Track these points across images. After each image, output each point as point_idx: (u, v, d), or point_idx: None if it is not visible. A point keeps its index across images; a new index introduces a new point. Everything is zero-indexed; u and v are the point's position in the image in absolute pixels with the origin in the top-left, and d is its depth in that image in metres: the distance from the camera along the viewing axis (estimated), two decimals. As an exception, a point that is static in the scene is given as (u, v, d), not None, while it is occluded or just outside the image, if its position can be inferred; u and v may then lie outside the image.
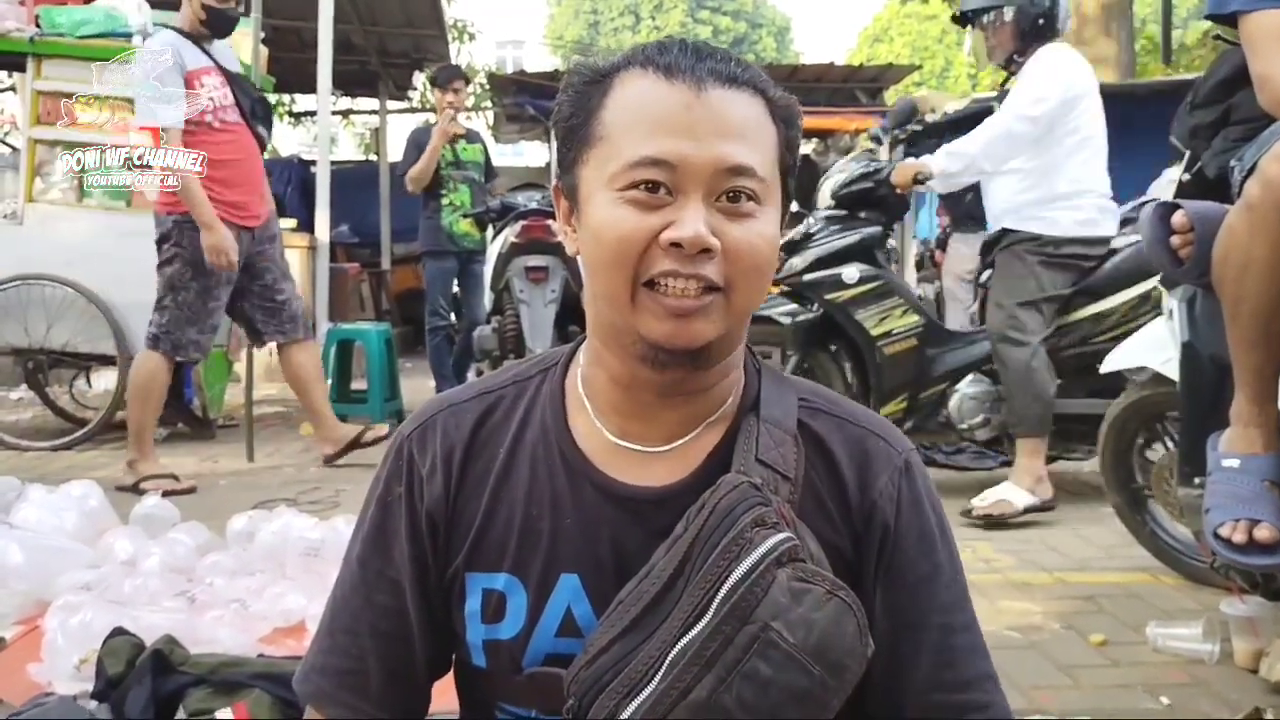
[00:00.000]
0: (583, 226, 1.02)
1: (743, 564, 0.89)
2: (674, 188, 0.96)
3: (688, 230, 0.94)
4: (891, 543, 1.03)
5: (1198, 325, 2.50)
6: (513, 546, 1.04)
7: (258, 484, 4.60)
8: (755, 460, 1.00)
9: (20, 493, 3.30)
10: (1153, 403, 3.17)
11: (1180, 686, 2.47)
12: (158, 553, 2.92)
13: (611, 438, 1.06)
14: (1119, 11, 13.14)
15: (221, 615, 2.55)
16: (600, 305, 1.02)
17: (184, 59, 4.32)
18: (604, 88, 1.01)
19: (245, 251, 4.49)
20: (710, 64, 0.99)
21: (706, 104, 0.97)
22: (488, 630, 1.05)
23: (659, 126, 0.97)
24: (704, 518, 0.94)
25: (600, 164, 0.99)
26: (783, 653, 0.87)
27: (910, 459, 1.07)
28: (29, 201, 5.42)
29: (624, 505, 1.03)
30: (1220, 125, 2.49)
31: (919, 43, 36.66)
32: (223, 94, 4.44)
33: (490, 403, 1.10)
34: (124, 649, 2.13)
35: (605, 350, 1.04)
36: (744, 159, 0.97)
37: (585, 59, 1.06)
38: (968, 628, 1.05)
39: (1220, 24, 2.36)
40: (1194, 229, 2.26)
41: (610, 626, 0.94)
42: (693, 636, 0.89)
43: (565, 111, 1.04)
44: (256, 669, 2.13)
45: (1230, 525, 2.11)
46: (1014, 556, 3.56)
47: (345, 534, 3.01)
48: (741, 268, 0.98)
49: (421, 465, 1.08)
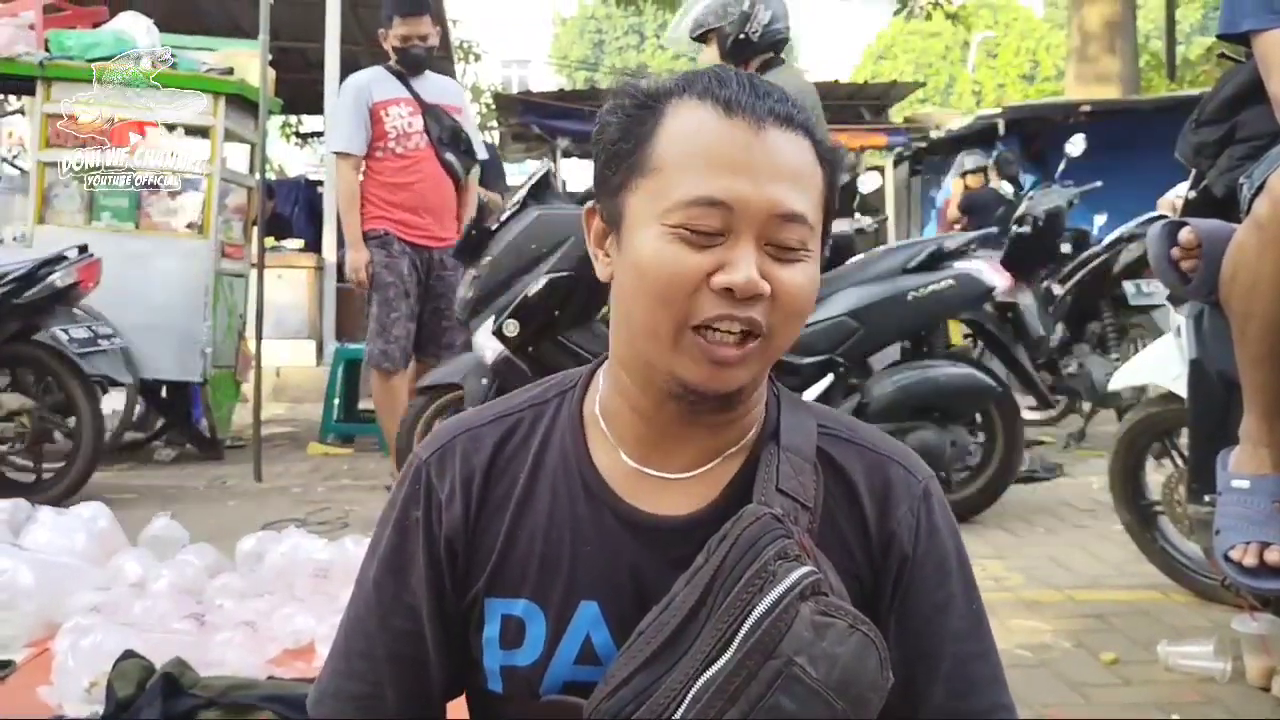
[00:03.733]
0: (623, 255, 1.00)
1: (767, 598, 0.89)
2: (727, 228, 0.95)
3: (740, 275, 0.93)
4: (909, 572, 1.03)
5: (1206, 342, 2.50)
6: (533, 572, 1.03)
7: (266, 504, 4.61)
8: (776, 490, 0.99)
9: (30, 514, 3.30)
10: (1162, 419, 3.17)
11: (1192, 705, 2.46)
12: (167, 574, 2.92)
13: (631, 464, 1.05)
14: (1122, 28, 13.17)
15: (231, 637, 2.54)
16: (636, 338, 1.00)
17: (372, 92, 4.83)
18: (656, 114, 0.99)
19: (423, 270, 4.85)
20: (769, 103, 0.97)
21: (764, 145, 0.95)
22: (505, 656, 1.04)
23: (717, 165, 0.95)
24: (726, 549, 0.93)
25: (651, 196, 0.97)
26: (806, 688, 0.87)
27: (930, 487, 1.07)
28: (38, 224, 5.44)
29: (644, 533, 1.02)
30: (1226, 143, 2.49)
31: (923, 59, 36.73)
32: (408, 123, 4.82)
33: (509, 426, 1.09)
34: (134, 671, 2.13)
35: (630, 379, 1.03)
36: (798, 205, 0.96)
37: (634, 80, 1.04)
38: (984, 657, 1.05)
39: (1231, 42, 2.36)
40: (1201, 247, 2.26)
41: (631, 658, 0.93)
42: (716, 670, 0.88)
43: (613, 134, 1.01)
44: (266, 691, 2.13)
45: (1241, 548, 2.10)
46: (1024, 574, 3.55)
47: (354, 554, 3.02)
48: (787, 313, 0.97)
49: (440, 490, 1.06)
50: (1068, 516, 4.43)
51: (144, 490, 4.92)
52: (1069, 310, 6.16)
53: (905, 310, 3.98)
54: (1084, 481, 5.08)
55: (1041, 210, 6.45)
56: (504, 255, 4.04)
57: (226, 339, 5.79)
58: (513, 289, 3.98)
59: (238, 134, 5.87)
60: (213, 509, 4.50)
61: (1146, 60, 16.72)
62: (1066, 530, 4.19)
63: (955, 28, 19.23)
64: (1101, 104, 11.58)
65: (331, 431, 6.30)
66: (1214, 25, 2.39)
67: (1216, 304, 2.26)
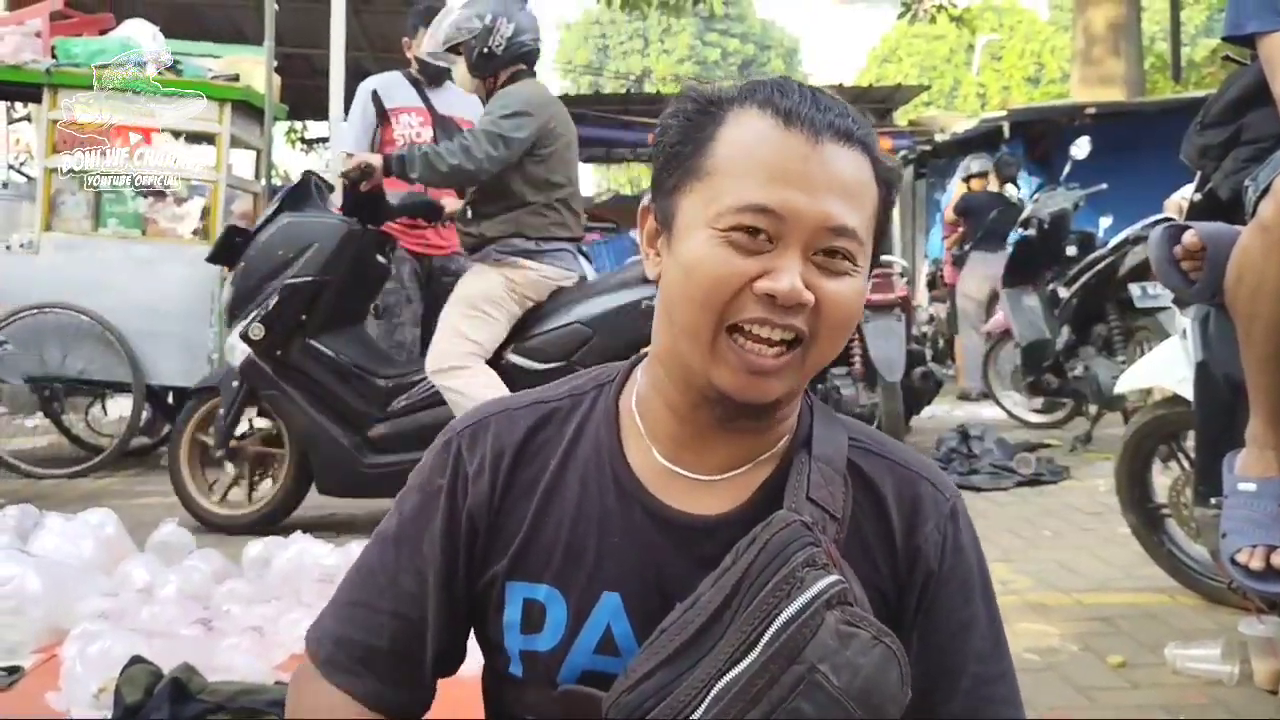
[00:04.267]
0: (672, 255, 1.01)
1: (793, 603, 0.89)
2: (775, 236, 0.96)
3: (784, 283, 0.94)
4: (933, 589, 1.04)
5: (1211, 345, 2.50)
6: (557, 559, 1.04)
7: (272, 510, 4.59)
8: (806, 498, 1.00)
9: (38, 521, 3.31)
10: (1168, 422, 3.17)
11: (1200, 708, 2.46)
12: (174, 580, 2.93)
13: (663, 461, 1.06)
14: (1127, 30, 13.15)
15: (238, 642, 2.55)
16: (676, 338, 1.01)
17: (384, 97, 4.85)
18: (716, 120, 1.00)
19: (423, 278, 4.91)
20: (830, 116, 0.98)
21: (821, 158, 0.96)
22: (525, 640, 1.05)
23: (772, 174, 0.96)
24: (754, 553, 0.94)
25: (705, 199, 0.98)
26: (827, 695, 0.87)
27: (957, 505, 1.08)
28: (45, 231, 5.46)
29: (672, 530, 1.03)
30: (1230, 145, 2.49)
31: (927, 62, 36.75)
32: (417, 132, 4.83)
33: (545, 413, 1.10)
34: (142, 677, 2.14)
35: (669, 380, 1.04)
36: (848, 220, 0.97)
37: (698, 85, 1.05)
38: (1002, 678, 1.06)
39: (1236, 45, 2.36)
40: (1205, 250, 2.26)
41: (654, 653, 0.94)
42: (739, 672, 0.89)
43: (673, 137, 1.02)
44: (274, 696, 2.13)
45: (1248, 551, 2.10)
46: (1031, 578, 3.55)
47: (361, 560, 3.02)
48: (828, 323, 0.98)
49: (469, 464, 1.08)
50: (1074, 520, 4.43)
51: (151, 496, 4.92)
52: (1075, 313, 6.16)
53: (640, 318, 4.06)
54: (1090, 484, 5.08)
55: (1047, 213, 6.48)
56: (254, 260, 4.16)
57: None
58: (263, 293, 4.08)
59: (243, 140, 5.89)
60: (219, 514, 4.50)
61: (1151, 62, 16.73)
62: (1073, 533, 4.19)
63: (960, 31, 19.23)
64: (1106, 106, 11.57)
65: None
66: (1219, 27, 2.39)
67: (1222, 306, 2.27)
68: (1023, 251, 6.66)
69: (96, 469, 5.40)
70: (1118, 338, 5.99)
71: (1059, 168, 7.09)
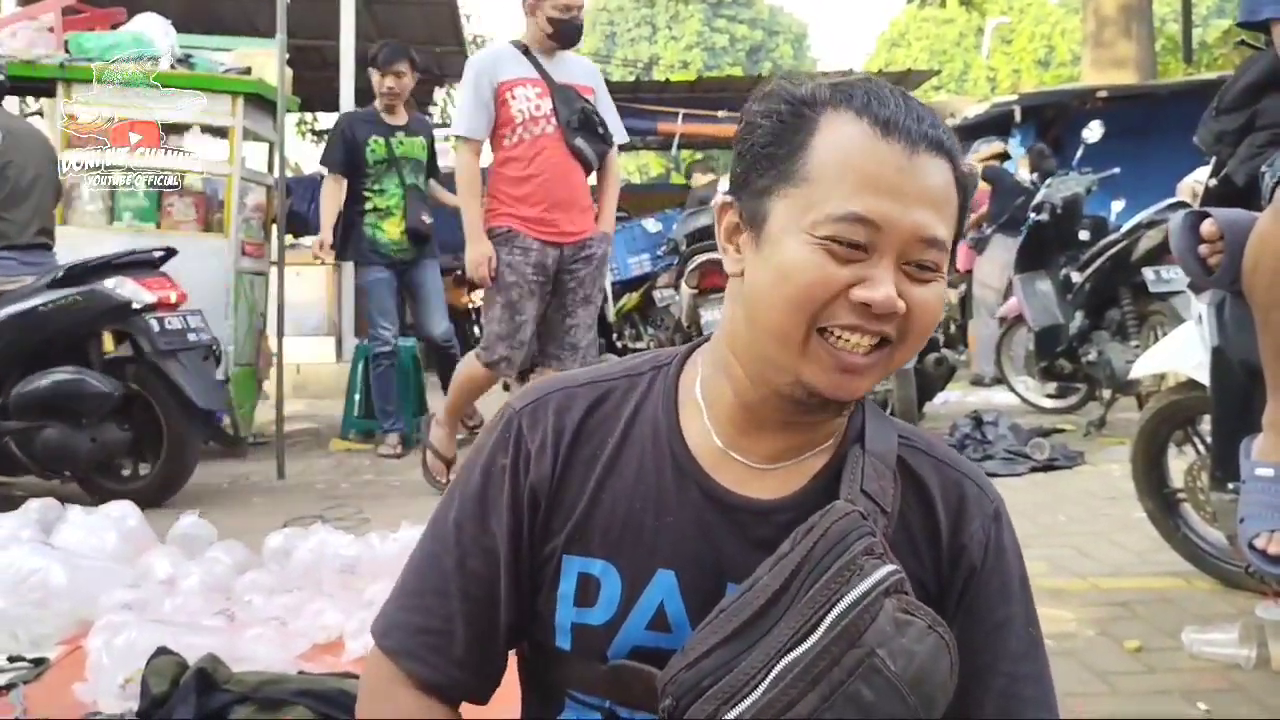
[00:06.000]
0: (761, 256, 1.02)
1: (855, 589, 0.92)
2: (871, 246, 0.97)
3: (880, 293, 0.97)
4: (974, 587, 1.07)
5: (1228, 330, 2.50)
6: (614, 535, 1.06)
7: (290, 501, 4.64)
8: (860, 490, 1.03)
9: (60, 514, 3.35)
10: (1184, 407, 3.17)
11: (1218, 692, 2.46)
12: (196, 571, 2.96)
13: (720, 445, 1.08)
14: (1139, 12, 13.09)
15: (261, 633, 2.58)
16: (760, 337, 1.02)
17: (497, 72, 4.37)
18: (811, 124, 1.00)
19: (552, 269, 4.43)
20: (924, 127, 0.99)
21: (916, 169, 0.98)
22: (578, 614, 1.07)
23: (870, 185, 0.97)
24: (814, 540, 0.96)
25: (801, 205, 0.99)
26: (884, 679, 0.89)
27: (1000, 508, 1.11)
28: (60, 224, 5.48)
29: (728, 512, 1.06)
30: (1246, 131, 2.49)
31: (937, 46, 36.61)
32: (535, 105, 4.37)
33: (603, 391, 1.13)
34: (168, 668, 2.17)
35: (743, 372, 1.05)
36: (939, 230, 0.99)
37: (789, 83, 1.05)
38: (1037, 679, 1.08)
39: (1251, 30, 2.36)
40: (1224, 237, 2.26)
41: (712, 633, 0.96)
42: (800, 653, 0.91)
43: (764, 138, 1.02)
44: (298, 686, 2.16)
45: (1266, 536, 2.10)
46: (1047, 563, 3.55)
47: (380, 550, 3.05)
48: (916, 328, 1.00)
49: (531, 441, 1.09)
50: (1089, 505, 4.43)
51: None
52: (1088, 298, 6.14)
53: (36, 322, 4.33)
54: (1105, 469, 5.07)
55: (1059, 198, 6.45)
56: None
57: (248, 337, 5.83)
58: None
59: (256, 133, 5.90)
60: (238, 506, 4.54)
61: (1163, 44, 16.61)
62: (1088, 518, 4.19)
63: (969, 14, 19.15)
64: (1118, 89, 11.52)
65: (353, 427, 6.34)
66: (1230, 8, 2.37)
67: (1239, 292, 2.26)
68: (1035, 236, 6.64)
69: (115, 461, 5.41)
70: (1131, 322, 5.97)
71: (1071, 152, 7.06)
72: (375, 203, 5.71)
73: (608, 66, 31.82)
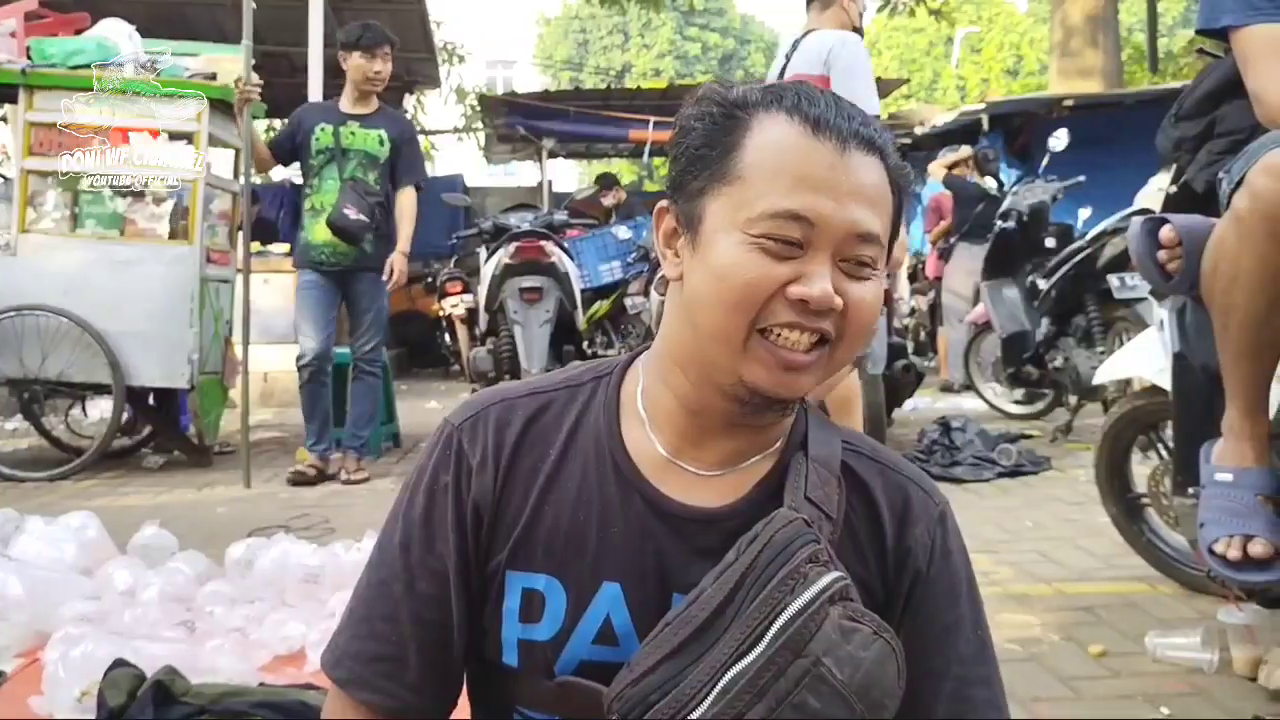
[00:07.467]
0: (698, 258, 1.02)
1: (799, 598, 0.91)
2: (806, 242, 0.98)
3: (816, 289, 0.97)
4: (920, 590, 1.06)
5: (1188, 336, 2.52)
6: (557, 549, 1.05)
7: (255, 511, 4.59)
8: (804, 497, 1.02)
9: (19, 524, 3.30)
10: (1146, 412, 3.19)
11: (1180, 696, 2.48)
12: (157, 582, 2.92)
13: (664, 454, 1.08)
14: (1105, 22, 13.22)
15: (222, 644, 2.54)
16: (701, 339, 1.02)
17: None
18: (743, 125, 1.01)
19: None
20: (854, 125, 1.00)
21: (848, 166, 0.99)
22: (524, 630, 1.05)
23: (803, 181, 0.98)
24: (758, 549, 0.95)
25: (734, 204, 0.99)
26: (831, 688, 0.89)
27: (945, 511, 1.11)
28: (22, 232, 5.42)
29: (672, 522, 1.05)
30: (1205, 138, 2.51)
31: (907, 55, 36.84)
32: None
33: (543, 402, 1.12)
34: (125, 680, 2.13)
35: (683, 376, 1.06)
36: (873, 227, 1.00)
37: (721, 88, 1.05)
38: (987, 682, 1.07)
39: (1210, 38, 2.37)
40: (1182, 243, 2.27)
41: (657, 648, 0.95)
42: (745, 665, 0.90)
43: (697, 140, 1.03)
44: (258, 698, 2.13)
45: (1225, 541, 2.11)
46: (1012, 568, 3.57)
47: (344, 559, 3.02)
48: (854, 325, 1.01)
49: (471, 456, 1.08)
50: (1055, 510, 4.46)
51: (132, 498, 4.90)
52: (1054, 304, 6.19)
53: None
54: (1071, 475, 5.11)
55: (1026, 205, 6.50)
56: None
57: (213, 345, 5.78)
58: None
59: (222, 139, 5.86)
60: (202, 516, 4.48)
61: (1129, 54, 16.79)
62: (1054, 524, 4.21)
63: (939, 23, 19.26)
64: (1084, 98, 11.62)
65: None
66: (1195, 18, 2.39)
67: (1198, 298, 2.28)
68: (1002, 244, 6.68)
69: (77, 471, 5.36)
70: (1097, 328, 6.02)
71: (1038, 160, 7.12)
72: (312, 200, 5.30)
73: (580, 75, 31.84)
